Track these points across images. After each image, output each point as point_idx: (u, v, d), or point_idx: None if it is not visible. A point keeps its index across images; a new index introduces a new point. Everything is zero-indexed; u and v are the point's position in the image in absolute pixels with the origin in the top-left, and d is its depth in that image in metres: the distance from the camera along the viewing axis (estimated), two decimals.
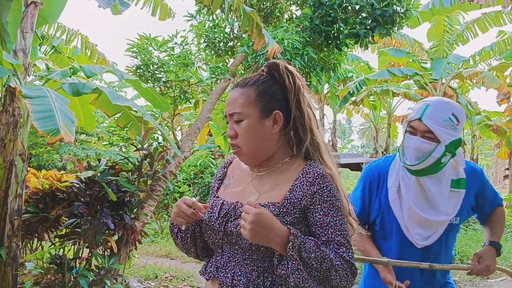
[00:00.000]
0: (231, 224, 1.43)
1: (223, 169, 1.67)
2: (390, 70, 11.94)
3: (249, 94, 1.47)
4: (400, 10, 7.57)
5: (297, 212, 1.40)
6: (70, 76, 5.15)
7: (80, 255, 4.65)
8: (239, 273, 1.42)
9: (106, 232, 4.55)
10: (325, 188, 1.41)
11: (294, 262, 1.30)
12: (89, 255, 4.65)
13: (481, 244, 8.62)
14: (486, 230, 2.20)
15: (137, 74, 7.42)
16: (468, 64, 12.62)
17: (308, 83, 8.66)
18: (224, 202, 1.51)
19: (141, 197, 5.09)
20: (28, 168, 4.98)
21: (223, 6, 5.78)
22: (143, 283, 6.18)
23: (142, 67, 7.39)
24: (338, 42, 7.77)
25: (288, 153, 1.53)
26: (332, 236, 1.37)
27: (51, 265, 4.60)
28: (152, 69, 7.41)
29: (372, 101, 17.01)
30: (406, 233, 2.01)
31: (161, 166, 5.48)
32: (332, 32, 7.70)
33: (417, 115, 1.94)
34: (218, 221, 1.46)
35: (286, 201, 1.41)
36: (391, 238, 2.07)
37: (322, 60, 8.42)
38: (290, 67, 1.51)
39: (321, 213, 1.39)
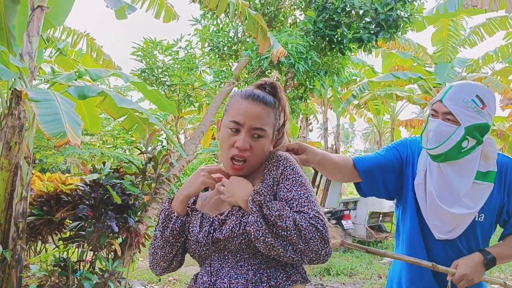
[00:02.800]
0: (216, 232, 1.45)
1: None
2: (394, 73, 11.95)
3: (270, 115, 1.51)
4: (404, 14, 7.58)
5: (273, 199, 1.44)
6: (75, 80, 5.18)
7: (84, 258, 4.66)
8: (235, 275, 1.42)
9: (110, 235, 4.57)
10: (288, 166, 1.47)
11: (253, 215, 1.35)
12: (93, 258, 4.67)
13: None
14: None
15: (142, 77, 7.47)
16: (471, 69, 12.62)
17: (311, 87, 8.68)
18: (204, 215, 1.53)
19: (145, 200, 5.10)
20: (33, 171, 5.01)
21: (228, 10, 5.80)
22: (146, 286, 6.18)
23: (147, 70, 7.44)
24: (341, 46, 7.79)
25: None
26: (298, 208, 1.38)
27: (55, 268, 4.61)
28: (156, 72, 7.44)
29: (376, 105, 17.00)
30: (427, 222, 1.92)
31: (165, 169, 5.50)
32: (336, 36, 7.72)
33: (439, 96, 1.88)
34: (201, 234, 1.48)
35: None
36: (411, 225, 1.98)
37: (325, 64, 8.44)
38: (282, 91, 1.60)
39: (284, 190, 1.43)
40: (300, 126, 16.61)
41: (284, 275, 1.43)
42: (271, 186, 1.46)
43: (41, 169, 14.46)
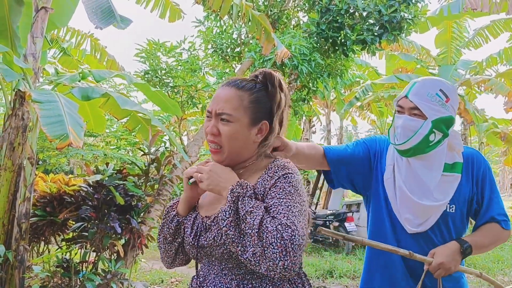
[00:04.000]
0: (202, 238, 1.44)
1: None
2: (398, 75, 11.93)
3: (243, 99, 1.43)
4: (408, 16, 7.57)
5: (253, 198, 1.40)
6: (79, 81, 5.19)
7: (87, 259, 4.66)
8: (219, 284, 1.40)
9: (113, 236, 4.57)
10: (282, 177, 1.38)
11: (227, 203, 1.31)
12: (96, 259, 4.67)
13: (488, 252, 8.58)
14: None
15: (146, 79, 7.47)
16: (475, 71, 12.60)
17: (315, 88, 8.68)
18: (197, 217, 1.50)
19: (148, 202, 5.10)
20: (36, 172, 5.02)
21: (231, 11, 5.81)
22: (149, 287, 6.18)
23: (150, 72, 7.44)
24: (345, 48, 7.78)
25: (257, 154, 1.51)
26: (273, 214, 1.29)
27: (58, 269, 4.61)
28: (160, 74, 7.45)
29: (379, 107, 16.98)
30: (398, 216, 1.91)
31: (168, 171, 5.50)
32: (339, 38, 7.71)
33: (404, 93, 1.91)
34: (191, 237, 1.46)
35: None
36: (380, 220, 1.98)
37: (329, 66, 8.44)
38: (284, 83, 1.51)
39: (269, 197, 1.35)
40: (303, 128, 16.61)
41: (270, 284, 1.37)
42: (261, 195, 1.38)
43: (44, 170, 14.50)
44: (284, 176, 1.37)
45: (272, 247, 1.22)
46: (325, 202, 12.70)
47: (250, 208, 1.29)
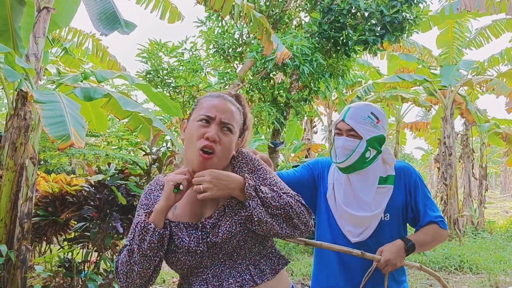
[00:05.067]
0: (211, 236, 1.45)
1: (158, 192, 1.59)
2: (400, 75, 11.92)
3: (238, 116, 1.59)
4: (410, 17, 7.56)
5: None
6: (81, 81, 5.20)
7: (89, 259, 4.67)
8: (238, 274, 1.46)
9: (115, 236, 4.58)
10: (254, 159, 1.60)
11: (254, 200, 1.42)
12: (98, 258, 4.68)
13: (489, 253, 8.57)
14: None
15: (147, 79, 7.48)
16: (477, 71, 12.58)
17: (316, 89, 8.68)
18: (186, 224, 1.49)
19: None
20: (38, 172, 5.03)
21: (233, 12, 5.81)
22: (150, 287, 6.19)
23: (152, 72, 7.45)
24: (346, 48, 7.78)
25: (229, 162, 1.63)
26: (276, 190, 1.50)
27: (60, 269, 4.63)
28: (161, 74, 7.46)
29: (381, 107, 16.95)
30: (341, 228, 2.15)
31: (169, 171, 5.50)
32: (341, 38, 7.71)
33: (340, 117, 2.17)
34: (193, 243, 1.45)
35: None
36: (325, 231, 2.20)
37: (330, 66, 8.44)
38: (245, 101, 1.70)
39: (260, 178, 1.55)
40: (305, 129, 16.61)
41: (275, 258, 1.55)
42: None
43: (46, 170, 14.50)
44: (256, 159, 1.61)
45: (302, 214, 1.47)
46: None
47: (269, 194, 1.45)
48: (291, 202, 1.47)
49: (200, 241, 1.45)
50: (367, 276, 2.04)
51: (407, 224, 2.26)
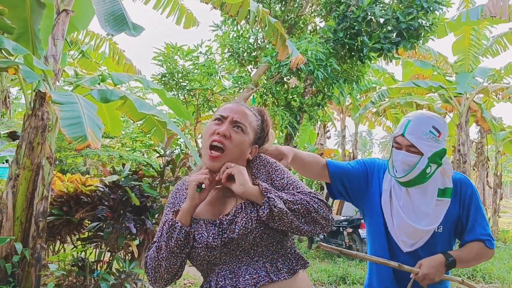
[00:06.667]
0: (228, 232, 1.50)
1: (184, 192, 1.68)
2: (415, 81, 11.84)
3: (253, 120, 1.65)
4: (426, 23, 7.52)
5: None
6: (99, 83, 5.27)
7: (101, 259, 4.72)
8: (255, 271, 1.48)
9: (128, 236, 4.62)
10: (272, 162, 1.66)
11: (272, 193, 1.48)
12: (111, 258, 4.72)
13: (503, 262, 8.46)
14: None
15: (162, 82, 7.53)
16: (493, 79, 12.44)
17: (330, 94, 8.67)
18: (206, 221, 1.55)
19: (162, 203, 5.15)
20: (54, 172, 5.10)
21: (248, 16, 5.85)
22: None
23: (167, 75, 7.50)
24: (361, 55, 7.76)
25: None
26: (296, 190, 1.56)
27: (73, 268, 4.68)
28: (177, 77, 7.50)
29: (395, 114, 16.85)
30: (394, 237, 2.12)
31: (183, 173, 5.55)
32: (356, 44, 7.70)
33: (400, 131, 2.09)
34: (211, 238, 1.50)
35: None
36: (379, 238, 2.17)
37: (345, 72, 8.42)
38: (269, 118, 1.77)
39: (278, 179, 1.60)
40: (318, 133, 16.57)
41: (293, 258, 1.55)
42: (266, 181, 1.59)
43: (61, 169, 14.66)
44: (274, 162, 1.67)
45: (321, 209, 1.50)
46: (339, 208, 12.64)
47: (284, 195, 1.50)
48: (306, 198, 1.50)
49: (217, 237, 1.50)
50: None
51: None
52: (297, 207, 1.48)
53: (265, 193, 1.48)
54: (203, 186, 1.53)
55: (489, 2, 7.97)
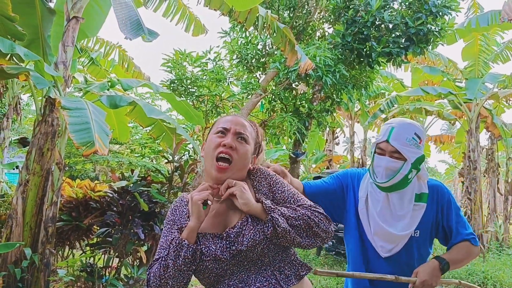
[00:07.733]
0: (237, 245, 1.52)
1: (183, 208, 1.69)
2: (424, 88, 11.78)
3: (252, 131, 1.71)
4: (435, 29, 7.50)
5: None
6: (108, 89, 5.29)
7: (110, 264, 4.72)
8: (264, 280, 1.52)
9: (136, 242, 4.62)
10: (272, 175, 1.70)
11: (275, 212, 1.51)
12: (119, 264, 4.72)
13: None
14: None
15: (171, 88, 7.56)
16: (503, 85, 12.34)
17: (339, 100, 8.65)
18: (212, 235, 1.57)
19: None
20: (63, 177, 5.13)
21: (257, 23, 5.86)
22: None
23: (176, 81, 7.53)
24: (370, 60, 7.75)
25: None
26: (296, 203, 1.61)
27: (81, 273, 4.68)
28: (185, 83, 7.53)
29: None
30: (372, 243, 2.17)
31: (191, 179, 5.55)
32: (365, 50, 7.69)
33: (384, 137, 2.14)
34: (219, 251, 1.53)
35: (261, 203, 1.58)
36: (357, 245, 2.22)
37: (353, 78, 8.41)
38: (260, 128, 1.81)
39: (279, 192, 1.65)
40: (327, 139, 16.54)
41: (298, 265, 1.61)
42: (267, 194, 1.64)
43: (71, 175, 14.76)
44: (274, 175, 1.71)
45: (321, 222, 1.55)
46: None
47: (286, 210, 1.54)
48: (307, 213, 1.54)
49: (225, 250, 1.52)
50: None
51: (433, 241, 2.28)
52: (299, 223, 1.52)
53: (269, 212, 1.52)
54: (209, 202, 1.54)
55: (505, 5, 7.91)
